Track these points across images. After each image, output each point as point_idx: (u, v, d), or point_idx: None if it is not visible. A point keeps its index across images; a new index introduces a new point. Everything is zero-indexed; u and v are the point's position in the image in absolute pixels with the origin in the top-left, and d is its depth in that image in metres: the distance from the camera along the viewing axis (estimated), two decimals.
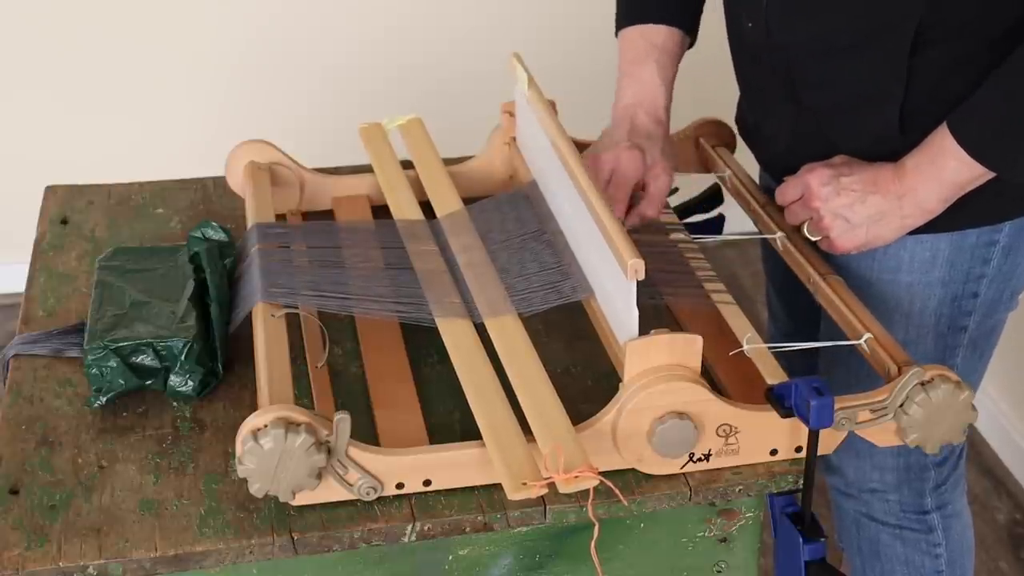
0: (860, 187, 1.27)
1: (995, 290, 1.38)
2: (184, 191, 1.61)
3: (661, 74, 1.43)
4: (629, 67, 1.44)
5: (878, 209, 1.27)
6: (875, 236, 1.29)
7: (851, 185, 1.27)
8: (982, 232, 1.34)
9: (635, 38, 1.44)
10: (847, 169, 1.29)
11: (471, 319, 1.24)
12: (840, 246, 1.30)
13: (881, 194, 1.27)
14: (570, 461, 1.04)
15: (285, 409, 1.06)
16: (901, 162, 1.27)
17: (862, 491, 1.54)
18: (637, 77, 1.43)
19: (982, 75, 1.22)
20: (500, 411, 1.11)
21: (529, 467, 1.04)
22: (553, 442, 1.06)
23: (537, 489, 1.02)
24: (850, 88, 1.29)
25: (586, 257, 1.27)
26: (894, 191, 1.26)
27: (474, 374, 1.16)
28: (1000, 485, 2.39)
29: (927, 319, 1.38)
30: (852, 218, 1.28)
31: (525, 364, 1.18)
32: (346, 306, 1.25)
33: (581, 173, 1.24)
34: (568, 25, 2.77)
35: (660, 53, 1.43)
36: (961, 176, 1.23)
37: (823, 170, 1.29)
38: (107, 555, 1.06)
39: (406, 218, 1.41)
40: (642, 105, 1.42)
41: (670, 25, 1.44)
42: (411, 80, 2.77)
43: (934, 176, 1.24)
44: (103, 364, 1.21)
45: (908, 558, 1.57)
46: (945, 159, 1.23)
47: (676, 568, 1.23)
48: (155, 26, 2.67)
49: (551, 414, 1.11)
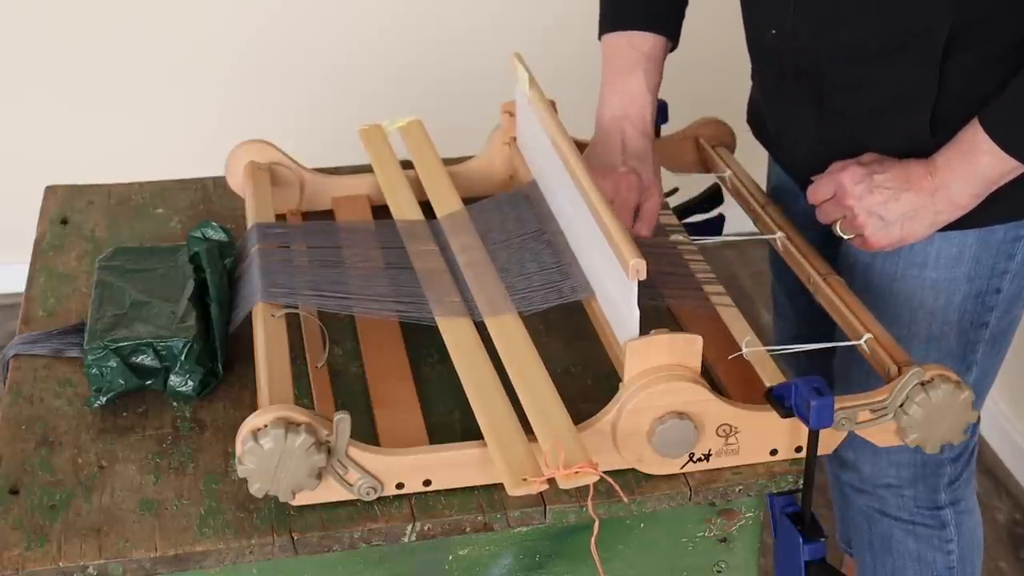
0: (893, 184, 1.28)
1: (1017, 286, 1.39)
2: (184, 191, 1.61)
3: (648, 84, 1.42)
4: (616, 75, 1.44)
5: (912, 206, 1.28)
6: (909, 233, 1.29)
7: (884, 183, 1.28)
8: (1009, 228, 1.35)
9: (622, 45, 1.44)
10: (879, 167, 1.29)
11: (471, 317, 1.24)
12: (875, 244, 1.31)
13: (915, 191, 1.27)
14: (570, 457, 1.04)
15: (285, 409, 1.06)
16: (932, 159, 1.28)
17: (877, 486, 1.54)
18: (624, 87, 1.43)
19: (1011, 74, 1.23)
20: (500, 409, 1.11)
21: (529, 463, 1.04)
22: (553, 439, 1.06)
23: (537, 485, 1.02)
24: (881, 92, 1.30)
25: (587, 257, 1.27)
26: (927, 187, 1.27)
27: (474, 372, 1.16)
28: (1000, 485, 2.39)
29: (951, 315, 1.39)
30: (887, 215, 1.28)
31: (525, 362, 1.18)
32: (346, 306, 1.25)
33: (582, 173, 1.24)
34: (567, 25, 2.76)
35: (648, 62, 1.42)
36: (994, 171, 1.24)
37: (856, 168, 1.30)
38: (107, 555, 1.06)
39: (406, 218, 1.41)
40: (629, 118, 1.42)
41: (657, 32, 1.43)
42: (411, 80, 2.77)
43: (967, 172, 1.25)
44: (103, 364, 1.21)
45: (920, 554, 1.57)
46: (978, 155, 1.24)
47: (676, 568, 1.23)
48: (155, 26, 2.67)
49: (551, 411, 1.11)
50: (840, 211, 1.31)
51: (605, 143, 1.42)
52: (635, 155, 1.40)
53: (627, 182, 1.36)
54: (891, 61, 1.28)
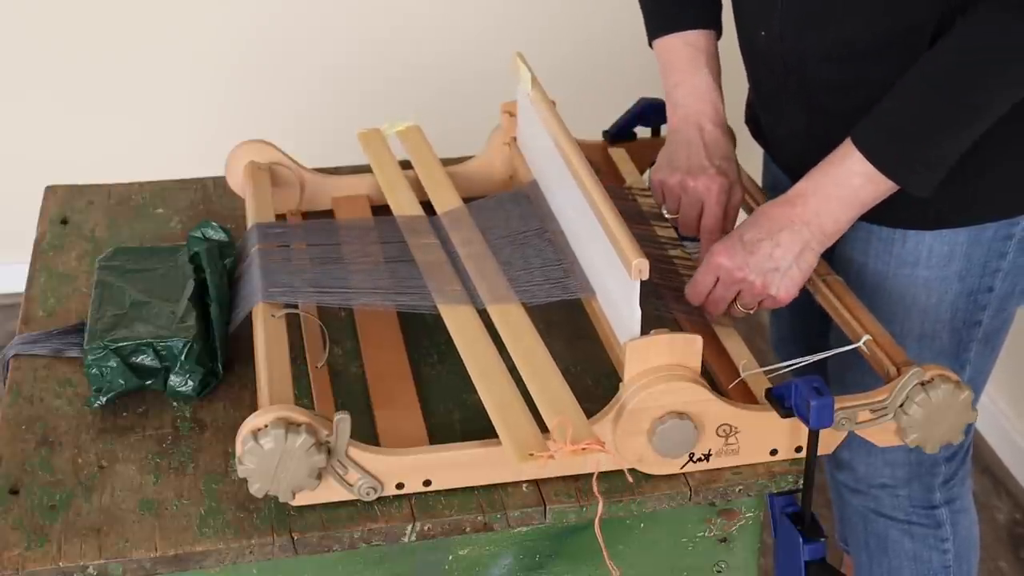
0: (765, 234, 1.24)
1: (1009, 284, 1.39)
2: (184, 191, 1.61)
3: (714, 78, 1.42)
4: (681, 76, 1.42)
5: (796, 242, 1.24)
6: (807, 268, 1.25)
7: (755, 237, 1.24)
8: (1000, 226, 1.34)
9: (678, 46, 1.43)
10: (741, 229, 1.26)
11: (473, 305, 1.24)
12: (785, 297, 1.26)
13: (787, 228, 1.24)
14: (577, 434, 1.04)
15: (285, 409, 1.06)
16: (794, 190, 1.25)
17: (872, 486, 1.55)
18: (692, 86, 1.41)
19: None
20: (506, 390, 1.12)
21: (535, 439, 1.04)
22: (560, 416, 1.06)
23: (544, 459, 1.02)
24: (867, 91, 1.29)
25: (588, 256, 1.27)
26: (798, 218, 1.24)
27: (479, 356, 1.17)
28: (1000, 485, 2.39)
29: (943, 314, 1.39)
30: (780, 264, 1.24)
31: (529, 347, 1.18)
32: (347, 299, 1.25)
33: (585, 173, 1.24)
34: (568, 25, 2.76)
35: (708, 58, 1.42)
36: (867, 194, 1.22)
37: (722, 245, 1.26)
38: (107, 555, 1.06)
39: (406, 214, 1.41)
40: (706, 114, 1.40)
41: (706, 28, 1.43)
42: (411, 80, 2.76)
43: (838, 196, 1.23)
44: (103, 364, 1.21)
45: (916, 553, 1.57)
46: (850, 177, 1.22)
47: (676, 568, 1.23)
48: (155, 26, 2.67)
49: (557, 392, 1.12)
50: (731, 290, 1.26)
51: (687, 145, 1.39)
52: (719, 152, 1.38)
53: (719, 187, 1.34)
54: (877, 60, 1.27)
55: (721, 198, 1.34)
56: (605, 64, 2.76)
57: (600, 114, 1.69)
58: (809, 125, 1.38)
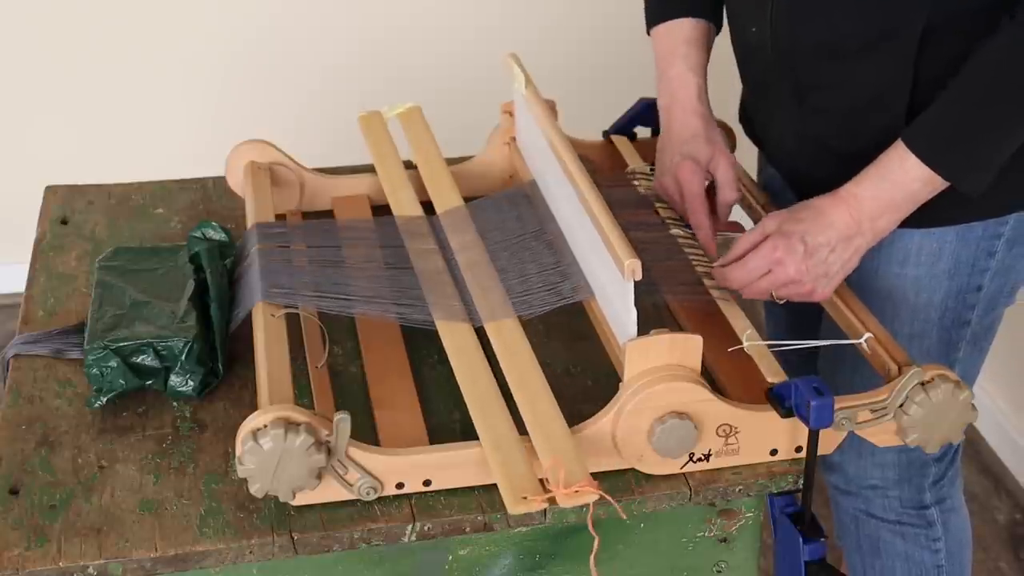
0: (825, 240, 1.24)
1: (997, 283, 1.39)
2: (184, 191, 1.61)
3: (687, 64, 1.42)
4: (660, 66, 1.45)
5: (847, 249, 1.25)
6: (850, 271, 1.27)
7: (817, 242, 1.24)
8: (988, 225, 1.34)
9: (662, 36, 1.45)
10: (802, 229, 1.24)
11: (471, 323, 1.24)
12: (823, 297, 1.27)
13: (846, 238, 1.24)
14: (570, 475, 1.04)
15: (285, 409, 1.06)
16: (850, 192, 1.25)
17: (862, 488, 1.55)
18: (665, 75, 1.44)
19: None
20: (502, 423, 1.11)
21: (530, 481, 1.04)
22: (553, 455, 1.06)
23: (538, 504, 1.02)
24: (859, 90, 1.29)
25: (585, 258, 1.27)
26: (856, 226, 1.24)
27: (475, 383, 1.16)
28: (999, 484, 2.39)
29: (932, 312, 1.39)
30: (830, 270, 1.25)
31: (525, 370, 1.18)
32: (346, 307, 1.25)
33: (578, 174, 1.24)
34: (568, 25, 2.77)
35: (687, 46, 1.43)
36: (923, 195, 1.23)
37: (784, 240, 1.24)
38: (107, 555, 1.06)
39: (405, 214, 1.41)
40: (678, 102, 1.42)
41: (693, 16, 1.44)
42: (411, 80, 2.76)
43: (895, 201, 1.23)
44: (103, 364, 1.21)
45: (908, 554, 1.58)
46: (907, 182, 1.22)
47: (676, 568, 1.23)
48: (155, 26, 2.67)
49: (551, 426, 1.11)
50: (779, 287, 1.25)
51: (665, 137, 1.42)
52: (686, 139, 1.39)
53: (685, 170, 1.35)
54: (868, 58, 1.27)
55: (692, 182, 1.35)
56: (605, 64, 2.76)
57: (600, 114, 1.69)
58: (800, 124, 1.38)
